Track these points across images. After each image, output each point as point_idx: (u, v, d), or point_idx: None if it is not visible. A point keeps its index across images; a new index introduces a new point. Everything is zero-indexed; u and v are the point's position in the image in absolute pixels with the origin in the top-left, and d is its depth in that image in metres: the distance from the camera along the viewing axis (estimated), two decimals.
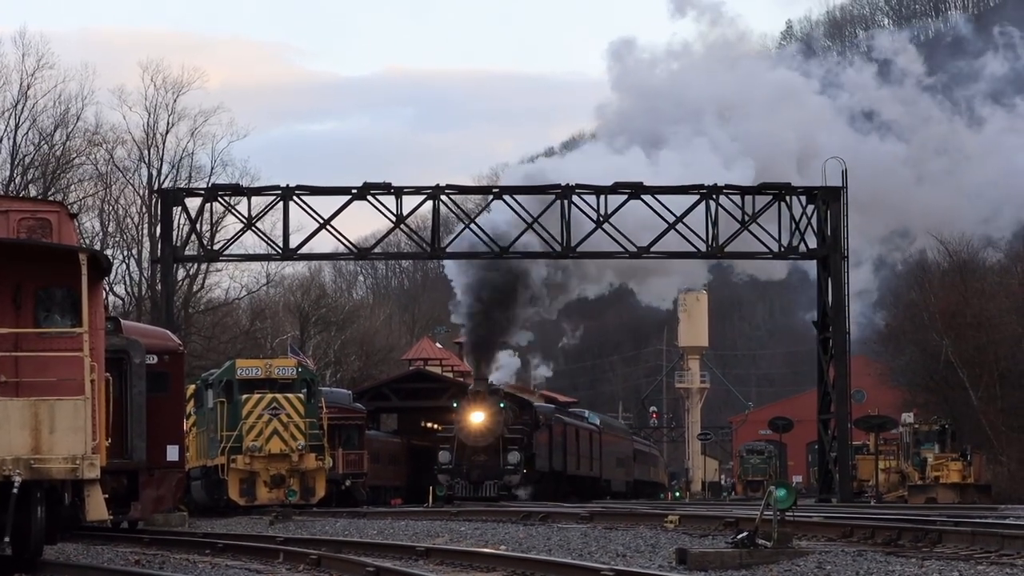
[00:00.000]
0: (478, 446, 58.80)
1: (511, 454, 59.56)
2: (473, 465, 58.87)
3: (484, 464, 59.03)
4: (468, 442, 58.79)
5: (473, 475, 58.77)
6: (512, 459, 59.51)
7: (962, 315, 66.37)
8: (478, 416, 59.21)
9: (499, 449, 59.06)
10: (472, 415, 59.19)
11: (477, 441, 58.72)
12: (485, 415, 59.21)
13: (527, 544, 25.80)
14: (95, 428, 20.03)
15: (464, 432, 58.95)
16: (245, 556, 25.09)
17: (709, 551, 20.99)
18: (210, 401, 46.90)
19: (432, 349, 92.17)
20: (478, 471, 58.87)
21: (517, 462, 59.76)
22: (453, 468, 58.94)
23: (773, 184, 56.01)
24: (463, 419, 59.21)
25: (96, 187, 75.14)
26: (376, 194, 54.92)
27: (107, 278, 25.92)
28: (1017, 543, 20.51)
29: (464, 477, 58.67)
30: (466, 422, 59.11)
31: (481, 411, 59.32)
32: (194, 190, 60.09)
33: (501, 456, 59.17)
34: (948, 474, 59.12)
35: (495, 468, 59.14)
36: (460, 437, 59.00)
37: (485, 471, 58.89)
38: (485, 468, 58.98)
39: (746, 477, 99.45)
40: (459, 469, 58.88)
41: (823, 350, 56.83)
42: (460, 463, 58.80)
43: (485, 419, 59.07)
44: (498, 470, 59.14)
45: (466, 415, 59.31)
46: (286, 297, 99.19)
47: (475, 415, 59.18)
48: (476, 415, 59.18)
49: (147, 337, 30.61)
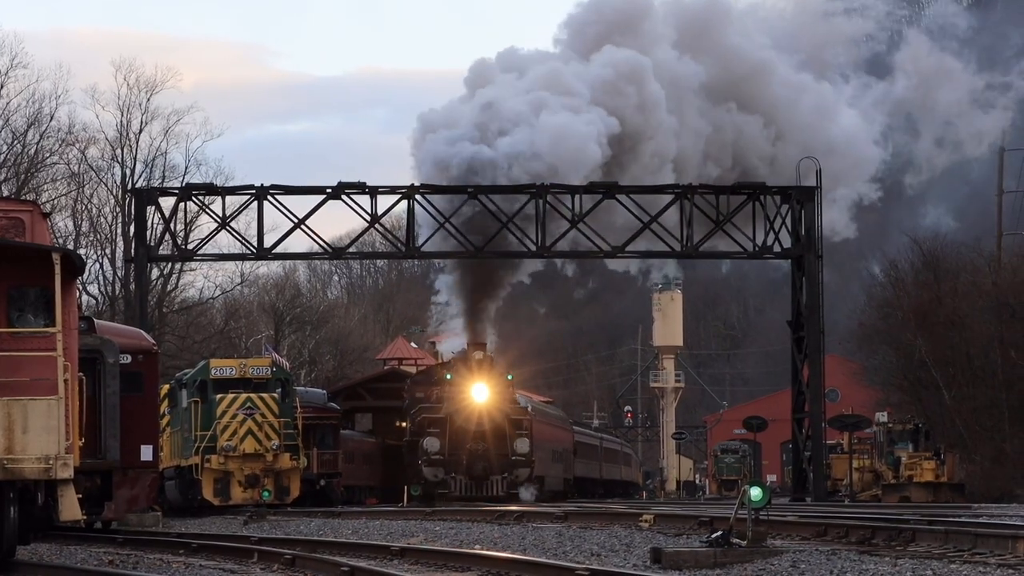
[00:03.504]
0: (479, 431, 48.05)
1: (520, 441, 48.27)
2: (474, 456, 47.92)
3: (487, 454, 48.01)
4: (466, 425, 47.96)
5: (476, 468, 47.89)
6: (521, 447, 48.25)
7: (935, 314, 66.53)
8: (480, 391, 48.21)
9: (506, 434, 48.07)
10: (471, 390, 48.21)
11: (479, 424, 48.03)
12: (489, 390, 48.22)
13: (502, 544, 25.79)
14: (68, 428, 19.97)
15: (461, 412, 48.07)
16: (219, 556, 25.04)
17: (684, 550, 21.01)
18: (184, 401, 46.80)
19: (407, 349, 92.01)
20: (481, 463, 47.93)
21: (527, 451, 48.50)
22: (446, 459, 48.11)
23: (748, 184, 56.11)
24: (458, 395, 48.33)
25: (69, 186, 74.96)
26: (351, 194, 54.85)
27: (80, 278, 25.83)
28: (990, 542, 20.57)
29: (463, 471, 47.93)
30: (463, 399, 48.19)
31: (484, 384, 48.29)
32: (168, 189, 59.96)
33: (508, 443, 48.12)
34: (922, 473, 59.27)
35: (502, 459, 48.05)
36: (455, 419, 48.00)
37: (489, 463, 47.98)
38: (489, 459, 47.97)
39: (720, 476, 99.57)
40: (454, 460, 48.05)
41: (797, 349, 56.93)
42: (455, 453, 48.00)
43: (489, 395, 48.14)
44: (506, 461, 48.05)
45: (462, 390, 48.33)
46: (260, 297, 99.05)
47: (476, 390, 48.19)
48: (478, 390, 48.22)
49: (121, 337, 30.54)
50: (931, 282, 68.01)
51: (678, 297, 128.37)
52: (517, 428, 48.55)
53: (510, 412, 48.56)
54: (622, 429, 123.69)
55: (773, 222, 55.77)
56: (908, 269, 70.87)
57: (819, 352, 56.04)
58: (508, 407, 48.63)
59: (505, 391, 48.76)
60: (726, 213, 55.56)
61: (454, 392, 48.55)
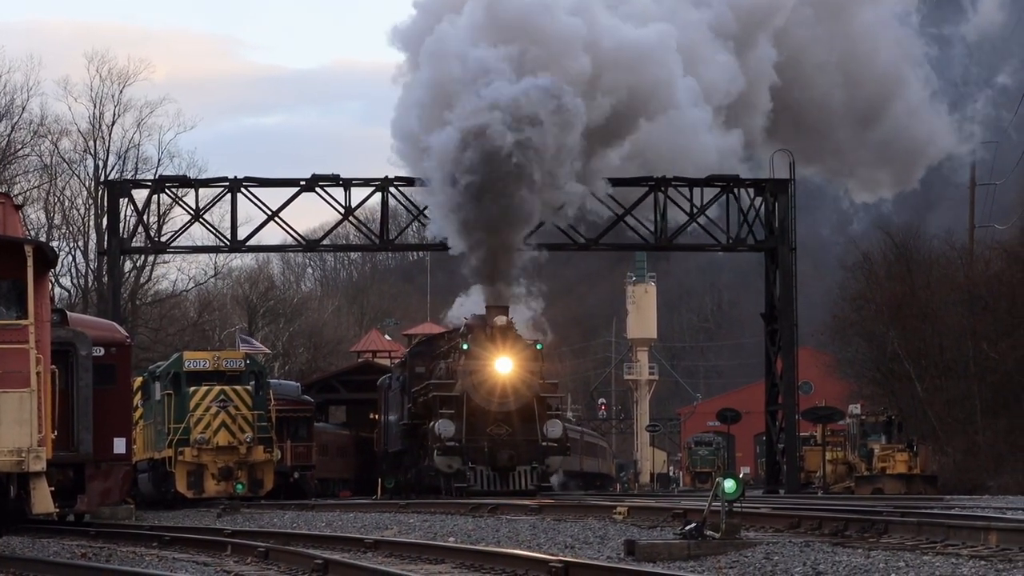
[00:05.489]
0: (503, 411, 41.13)
1: (552, 424, 41.51)
2: (498, 443, 41.00)
3: (514, 440, 41.13)
4: (488, 406, 41.13)
5: (501, 458, 40.75)
6: (553, 431, 41.39)
7: (908, 307, 66.78)
8: (504, 364, 40.99)
9: (535, 415, 41.13)
10: (495, 363, 40.94)
11: (502, 403, 41.12)
12: (515, 363, 41.05)
13: (476, 536, 25.80)
14: (41, 421, 19.92)
15: (480, 389, 41.10)
16: (193, 549, 25.00)
17: (657, 542, 21.04)
18: (157, 393, 46.71)
19: (380, 341, 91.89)
20: (507, 451, 40.91)
21: (560, 436, 41.60)
22: (463, 446, 41.04)
23: (722, 176, 56.17)
24: (479, 370, 41.14)
25: (41, 178, 74.79)
26: (324, 186, 54.78)
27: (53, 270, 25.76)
28: (962, 533, 20.64)
29: (484, 460, 40.86)
30: (484, 374, 41.11)
31: (508, 356, 41.04)
32: (141, 181, 59.79)
33: (538, 426, 41.29)
34: (894, 465, 59.45)
35: (530, 446, 41.10)
36: (472, 397, 41.09)
37: (515, 451, 41.04)
38: (517, 446, 41.03)
39: (694, 469, 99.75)
40: (474, 448, 40.99)
41: (771, 342, 57.06)
42: (474, 438, 41.09)
43: (515, 369, 41.03)
44: (535, 448, 41.09)
45: (484, 363, 41.09)
46: (234, 289, 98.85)
47: (500, 363, 40.92)
48: (501, 363, 40.95)
49: (94, 329, 30.49)
50: (904, 275, 68.27)
51: (652, 290, 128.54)
52: (548, 408, 41.70)
53: (540, 389, 41.46)
54: (596, 421, 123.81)
55: (747, 214, 55.86)
56: (881, 262, 71.12)
57: (792, 345, 56.17)
58: (537, 383, 41.42)
59: (533, 363, 41.39)
60: (700, 206, 55.63)
61: (471, 365, 41.06)
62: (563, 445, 41.93)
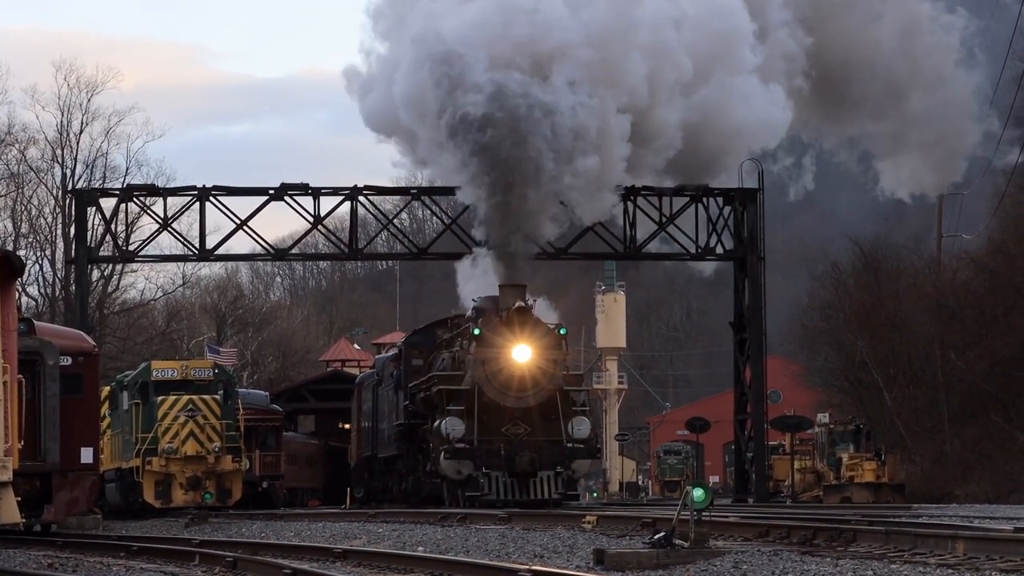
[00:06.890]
0: (522, 407, 35.90)
1: (578, 422, 36.33)
2: (515, 444, 35.55)
3: (535, 441, 35.72)
4: (503, 401, 35.88)
5: (520, 462, 35.26)
6: (580, 430, 36.21)
7: (877, 316, 66.98)
8: (522, 352, 35.67)
9: (558, 412, 35.89)
10: (512, 351, 35.61)
11: (520, 397, 35.89)
12: (534, 351, 35.73)
13: (445, 545, 25.77)
14: (7, 430, 19.83)
15: (495, 381, 35.74)
16: (160, 559, 24.92)
17: (626, 551, 21.05)
18: (125, 403, 46.56)
19: (350, 350, 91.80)
20: (527, 454, 35.41)
21: (587, 436, 36.43)
22: (475, 448, 35.64)
23: (691, 186, 56.24)
24: (493, 359, 35.69)
25: (8, 187, 74.50)
26: (293, 195, 54.70)
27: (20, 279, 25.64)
28: (930, 542, 20.71)
29: (500, 465, 35.33)
30: (499, 363, 35.67)
31: (527, 343, 35.69)
32: (109, 190, 59.59)
33: (563, 425, 36.00)
34: (863, 474, 59.57)
35: (554, 447, 35.76)
36: (485, 391, 35.71)
37: (540, 453, 35.56)
38: (539, 448, 35.60)
39: (663, 478, 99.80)
40: (487, 450, 35.53)
41: (740, 351, 57.15)
42: (487, 439, 35.70)
43: (534, 358, 35.72)
44: (559, 450, 35.76)
45: (499, 351, 35.68)
46: (202, 298, 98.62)
47: (518, 351, 35.62)
48: (519, 351, 35.63)
49: (61, 338, 30.38)
50: (872, 284, 68.48)
51: (621, 299, 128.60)
52: (573, 403, 36.59)
53: (564, 381, 36.21)
54: None
55: (716, 224, 55.95)
56: (849, 271, 71.34)
57: (761, 354, 56.27)
58: (560, 374, 36.18)
59: (555, 351, 36.03)
60: (669, 215, 55.69)
61: (484, 353, 35.75)
62: (591, 447, 36.70)
